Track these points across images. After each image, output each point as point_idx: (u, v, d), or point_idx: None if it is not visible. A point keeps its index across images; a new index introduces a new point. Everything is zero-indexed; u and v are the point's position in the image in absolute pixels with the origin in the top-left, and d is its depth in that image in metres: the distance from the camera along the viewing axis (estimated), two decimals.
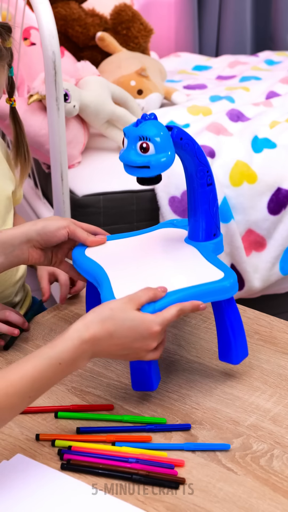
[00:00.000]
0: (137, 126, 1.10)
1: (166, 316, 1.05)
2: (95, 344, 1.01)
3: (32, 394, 0.98)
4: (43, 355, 0.99)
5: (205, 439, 1.06)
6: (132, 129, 1.10)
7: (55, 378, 1.00)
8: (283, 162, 2.20)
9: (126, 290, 1.09)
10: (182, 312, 1.06)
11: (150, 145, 1.08)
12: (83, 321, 1.02)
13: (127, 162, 1.10)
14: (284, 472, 1.01)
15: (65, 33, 2.58)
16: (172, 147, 1.10)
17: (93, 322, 1.02)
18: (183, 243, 1.24)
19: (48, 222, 1.21)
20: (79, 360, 1.01)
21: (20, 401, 0.97)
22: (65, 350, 0.99)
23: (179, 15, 3.30)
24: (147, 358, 1.06)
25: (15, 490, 0.97)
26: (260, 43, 3.48)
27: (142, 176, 1.11)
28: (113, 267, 1.17)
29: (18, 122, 1.40)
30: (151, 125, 1.09)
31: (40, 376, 0.98)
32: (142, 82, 2.45)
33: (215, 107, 2.47)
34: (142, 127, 1.09)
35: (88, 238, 1.23)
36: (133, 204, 2.14)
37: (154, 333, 1.03)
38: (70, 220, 1.22)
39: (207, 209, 1.20)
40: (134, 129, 1.09)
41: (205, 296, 1.10)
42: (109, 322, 1.02)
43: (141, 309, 1.05)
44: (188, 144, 1.14)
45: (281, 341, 1.27)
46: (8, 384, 0.96)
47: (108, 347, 1.03)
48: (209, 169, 1.18)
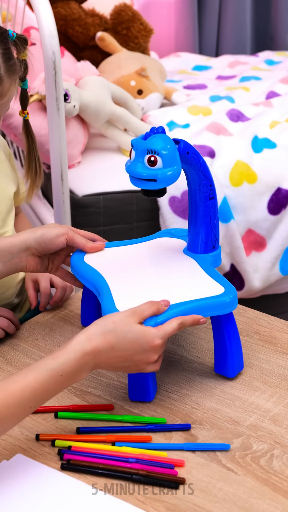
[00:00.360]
0: (146, 139, 1.11)
1: (167, 329, 1.06)
2: (96, 356, 1.02)
3: (32, 404, 0.99)
4: (45, 366, 1.00)
5: (205, 439, 1.06)
6: (140, 142, 1.11)
7: (56, 389, 1.01)
8: (283, 162, 2.20)
9: (127, 302, 1.10)
10: (183, 325, 1.08)
11: (158, 158, 1.10)
12: (86, 333, 1.03)
13: (134, 174, 1.12)
14: (284, 472, 1.01)
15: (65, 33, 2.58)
16: (178, 161, 1.12)
17: (95, 334, 1.02)
18: (182, 254, 1.25)
19: (47, 230, 1.21)
20: (81, 372, 1.02)
21: (20, 412, 0.98)
22: (67, 362, 1.00)
23: (179, 15, 3.30)
24: (148, 370, 1.07)
25: (15, 490, 0.97)
26: (260, 43, 3.48)
27: (148, 188, 1.12)
28: (113, 277, 1.17)
29: (31, 135, 1.40)
30: (160, 139, 1.10)
31: (41, 387, 0.98)
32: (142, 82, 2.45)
33: (215, 107, 2.47)
34: (151, 140, 1.10)
35: (86, 244, 1.24)
36: (133, 204, 2.14)
37: (155, 346, 1.05)
38: (68, 227, 1.23)
39: (208, 222, 1.21)
40: (143, 142, 1.11)
41: (205, 310, 1.11)
42: (111, 335, 1.03)
43: (143, 322, 1.06)
44: (194, 158, 1.15)
45: (281, 341, 1.27)
46: (9, 395, 0.96)
47: (109, 359, 1.04)
48: (212, 183, 1.20)
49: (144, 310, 1.06)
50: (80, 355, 1.01)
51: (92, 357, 1.02)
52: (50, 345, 1.27)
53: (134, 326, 1.04)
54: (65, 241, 1.22)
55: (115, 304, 1.10)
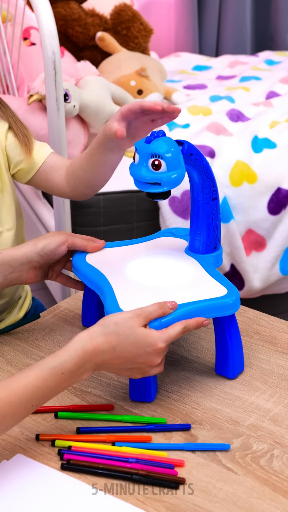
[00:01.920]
0: (150, 142, 1.11)
1: (171, 333, 1.06)
2: (98, 355, 1.02)
3: (34, 403, 0.99)
4: (46, 364, 1.00)
5: (205, 439, 1.06)
6: (144, 145, 1.11)
7: (58, 388, 1.01)
8: (283, 162, 2.20)
9: (131, 302, 1.11)
10: (186, 329, 1.08)
11: (162, 162, 1.10)
12: (87, 332, 1.03)
13: (138, 178, 1.12)
14: (284, 472, 1.01)
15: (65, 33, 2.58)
16: (182, 164, 1.12)
17: (97, 334, 1.03)
18: (184, 254, 1.25)
19: (48, 241, 1.22)
20: (82, 371, 1.02)
21: (22, 410, 0.98)
22: (68, 360, 1.00)
23: (179, 15, 3.30)
24: (151, 373, 1.07)
25: (15, 490, 0.97)
26: (260, 43, 3.48)
27: (152, 191, 1.13)
28: (116, 277, 1.18)
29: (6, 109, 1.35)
30: (164, 142, 1.11)
31: (43, 385, 0.99)
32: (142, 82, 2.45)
33: (215, 107, 2.48)
34: (155, 144, 1.11)
35: (88, 245, 1.24)
36: (133, 204, 2.14)
37: (158, 349, 1.05)
38: (66, 233, 1.24)
39: (210, 223, 1.22)
40: (146, 146, 1.11)
41: (208, 311, 1.12)
42: (113, 336, 1.03)
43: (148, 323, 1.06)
44: (197, 159, 1.16)
45: (281, 341, 1.27)
46: (11, 393, 0.97)
47: (111, 360, 1.04)
48: (215, 184, 1.20)
49: (151, 313, 1.06)
50: (81, 354, 1.01)
51: (94, 356, 1.02)
52: (50, 345, 1.27)
53: (137, 329, 1.04)
54: (66, 249, 1.23)
55: (119, 304, 1.10)
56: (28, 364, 1.21)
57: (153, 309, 1.06)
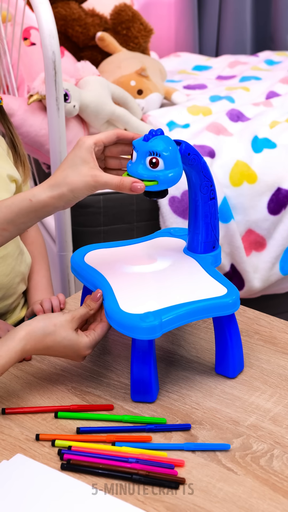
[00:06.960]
0: (148, 140, 1.11)
1: (97, 338, 1.14)
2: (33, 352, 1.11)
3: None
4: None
5: (205, 439, 1.06)
6: (142, 143, 1.12)
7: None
8: (283, 162, 2.20)
9: (130, 302, 1.11)
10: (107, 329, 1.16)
11: (159, 160, 1.10)
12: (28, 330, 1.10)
13: (135, 175, 1.12)
14: (284, 472, 1.01)
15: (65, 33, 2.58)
16: (180, 163, 1.12)
17: (36, 334, 1.10)
18: (183, 254, 1.25)
19: None
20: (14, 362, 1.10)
21: None
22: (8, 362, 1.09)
23: (179, 15, 3.30)
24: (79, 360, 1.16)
25: (15, 490, 0.97)
26: (260, 43, 3.48)
27: (150, 190, 1.13)
28: (115, 277, 1.18)
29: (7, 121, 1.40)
30: (161, 140, 1.11)
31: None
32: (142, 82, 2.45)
33: (215, 107, 2.47)
34: (153, 142, 1.11)
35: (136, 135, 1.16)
36: (133, 204, 2.14)
37: (85, 355, 1.14)
38: None
39: (208, 222, 1.22)
40: (144, 144, 1.11)
41: (208, 311, 1.12)
42: (50, 338, 1.11)
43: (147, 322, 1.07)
44: (195, 159, 1.16)
45: (281, 341, 1.27)
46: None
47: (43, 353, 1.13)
48: (213, 184, 1.20)
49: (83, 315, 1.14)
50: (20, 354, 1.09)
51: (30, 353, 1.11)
52: None
53: (70, 334, 1.12)
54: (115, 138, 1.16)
55: (119, 305, 1.11)
56: (28, 364, 1.21)
57: (83, 311, 1.14)
